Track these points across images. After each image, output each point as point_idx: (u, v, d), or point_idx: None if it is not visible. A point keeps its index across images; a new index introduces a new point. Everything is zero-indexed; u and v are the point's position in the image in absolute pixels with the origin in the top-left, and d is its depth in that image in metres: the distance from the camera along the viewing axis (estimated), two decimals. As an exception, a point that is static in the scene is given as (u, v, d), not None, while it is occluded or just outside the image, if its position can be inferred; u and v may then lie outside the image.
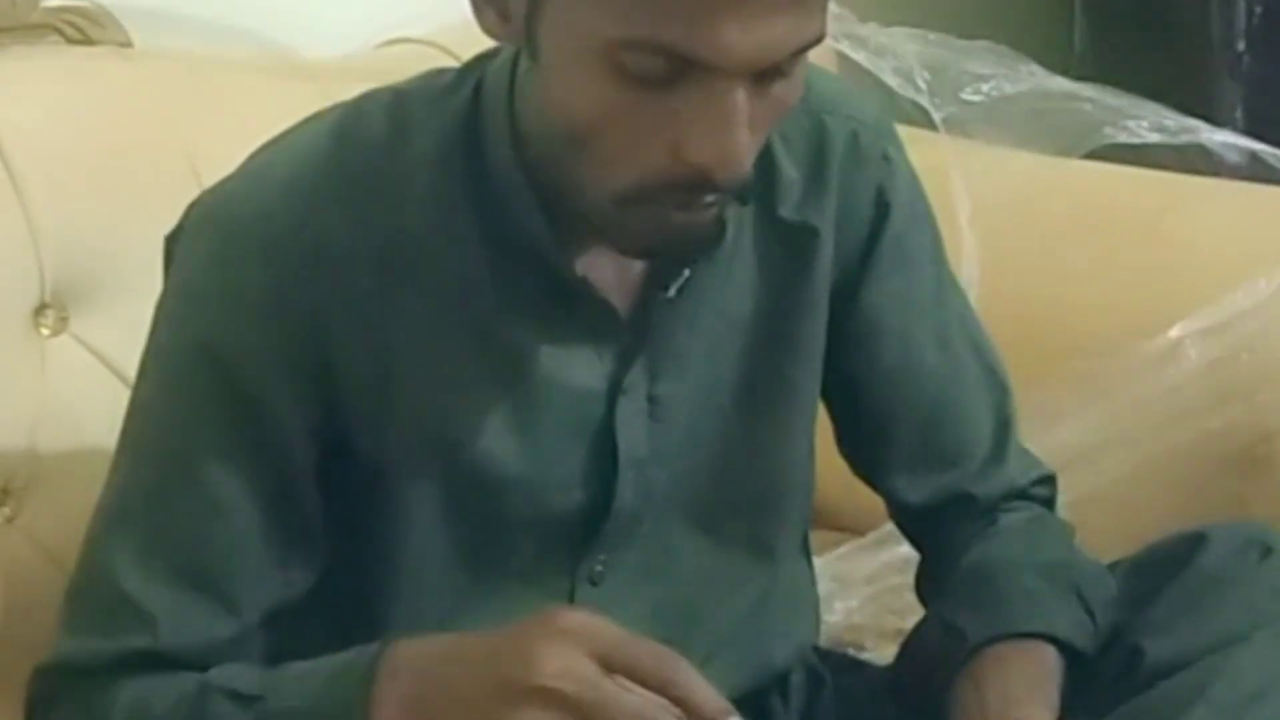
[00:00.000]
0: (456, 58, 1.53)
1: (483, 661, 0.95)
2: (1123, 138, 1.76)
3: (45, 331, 1.37)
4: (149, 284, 1.13)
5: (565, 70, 0.98)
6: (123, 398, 1.27)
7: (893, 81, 1.79)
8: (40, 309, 1.37)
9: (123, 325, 1.36)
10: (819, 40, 0.98)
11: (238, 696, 1.02)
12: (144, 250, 1.34)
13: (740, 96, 0.96)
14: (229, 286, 1.06)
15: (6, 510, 1.35)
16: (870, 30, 1.84)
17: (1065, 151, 1.79)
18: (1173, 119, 1.76)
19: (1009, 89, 1.82)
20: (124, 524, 1.08)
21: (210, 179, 1.15)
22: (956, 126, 1.79)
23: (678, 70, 0.95)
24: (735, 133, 0.96)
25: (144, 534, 1.07)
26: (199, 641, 1.06)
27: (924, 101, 1.79)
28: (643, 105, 0.97)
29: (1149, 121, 1.76)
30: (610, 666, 0.93)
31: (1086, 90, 1.82)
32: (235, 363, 1.06)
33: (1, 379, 1.34)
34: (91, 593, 1.09)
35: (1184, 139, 1.74)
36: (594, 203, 1.01)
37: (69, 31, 1.45)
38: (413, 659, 0.99)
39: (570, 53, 0.97)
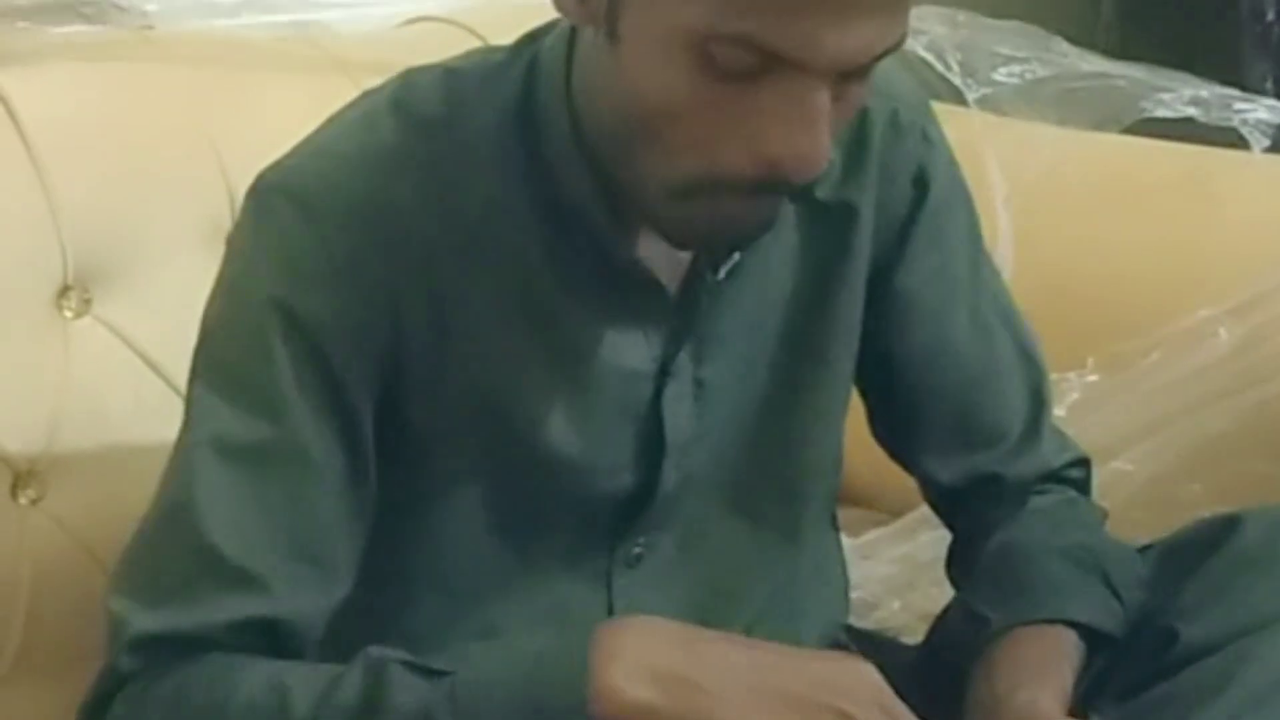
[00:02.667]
0: (479, 36, 1.53)
1: (756, 668, 0.95)
2: (1160, 112, 1.74)
3: (68, 314, 1.37)
4: (172, 266, 1.13)
5: (648, 56, 0.97)
6: (146, 380, 1.27)
7: (926, 60, 1.78)
8: (63, 291, 1.37)
9: (146, 307, 1.36)
10: (902, 44, 0.97)
11: (420, 669, 0.98)
12: (167, 232, 1.35)
13: (824, 97, 0.95)
14: (304, 253, 1.05)
15: (31, 493, 1.35)
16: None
17: (1101, 128, 1.78)
18: (1208, 90, 1.75)
19: (1041, 70, 1.80)
20: (212, 486, 1.03)
21: (233, 161, 1.15)
22: (991, 107, 1.78)
23: (764, 66, 0.94)
24: (817, 133, 0.95)
25: (238, 496, 1.03)
26: (315, 611, 1.04)
27: (957, 82, 1.78)
28: (724, 98, 0.95)
29: (1185, 95, 1.74)
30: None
31: (1118, 67, 1.81)
32: (315, 328, 1.04)
33: (25, 361, 1.34)
34: (178, 560, 1.03)
35: (1219, 113, 1.72)
36: (653, 191, 1.00)
37: (90, 13, 1.45)
38: (650, 626, 0.98)
39: (656, 39, 0.96)
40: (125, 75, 1.44)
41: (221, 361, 1.07)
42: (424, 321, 1.07)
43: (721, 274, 1.11)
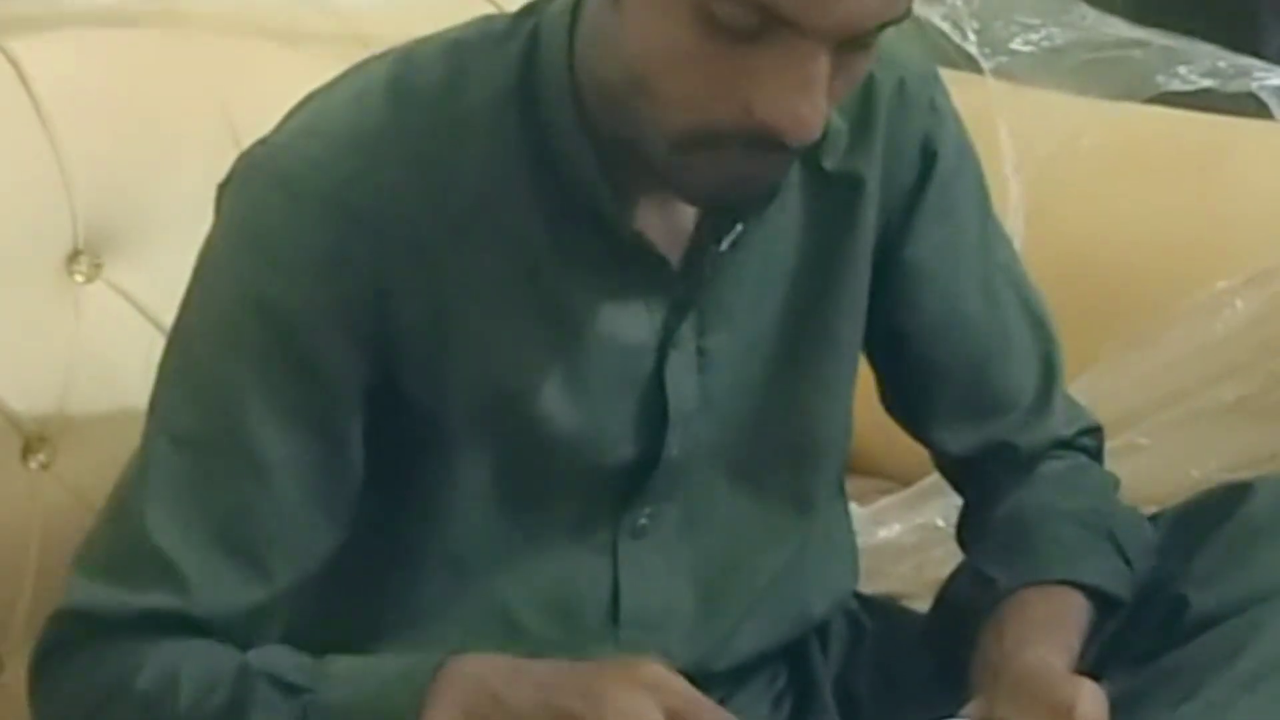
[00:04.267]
0: (496, 4, 1.53)
1: (550, 689, 0.96)
2: (1175, 85, 1.73)
3: (79, 278, 1.37)
4: (183, 231, 1.12)
5: (650, 12, 0.97)
6: (157, 345, 1.26)
7: (942, 30, 1.77)
8: (74, 256, 1.37)
9: (157, 272, 1.36)
10: (906, 15, 0.97)
11: (283, 685, 1.01)
12: (178, 197, 1.35)
13: (823, 62, 0.95)
14: (283, 239, 1.05)
15: (41, 457, 1.35)
16: (917, -24, 1.82)
17: (1118, 100, 1.77)
18: (1226, 60, 1.74)
19: (1059, 38, 1.79)
20: (160, 477, 1.06)
21: (244, 125, 1.15)
22: (1006, 77, 1.77)
23: (765, 26, 0.94)
24: (814, 98, 0.95)
25: (180, 491, 1.05)
26: (230, 607, 1.05)
27: (973, 50, 1.77)
28: (723, 56, 0.95)
29: (1202, 66, 1.73)
30: None
31: (1136, 32, 1.79)
32: (288, 318, 1.04)
33: (36, 326, 1.34)
34: (120, 543, 1.07)
35: (1236, 83, 1.71)
36: (654, 146, 1.00)
37: (103, -20, 1.45)
38: (475, 671, 0.99)
39: None
40: (137, 41, 1.44)
41: (188, 349, 1.08)
42: (419, 302, 1.06)
43: (725, 245, 1.10)
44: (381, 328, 1.06)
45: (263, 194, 1.06)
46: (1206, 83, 1.72)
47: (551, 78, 1.06)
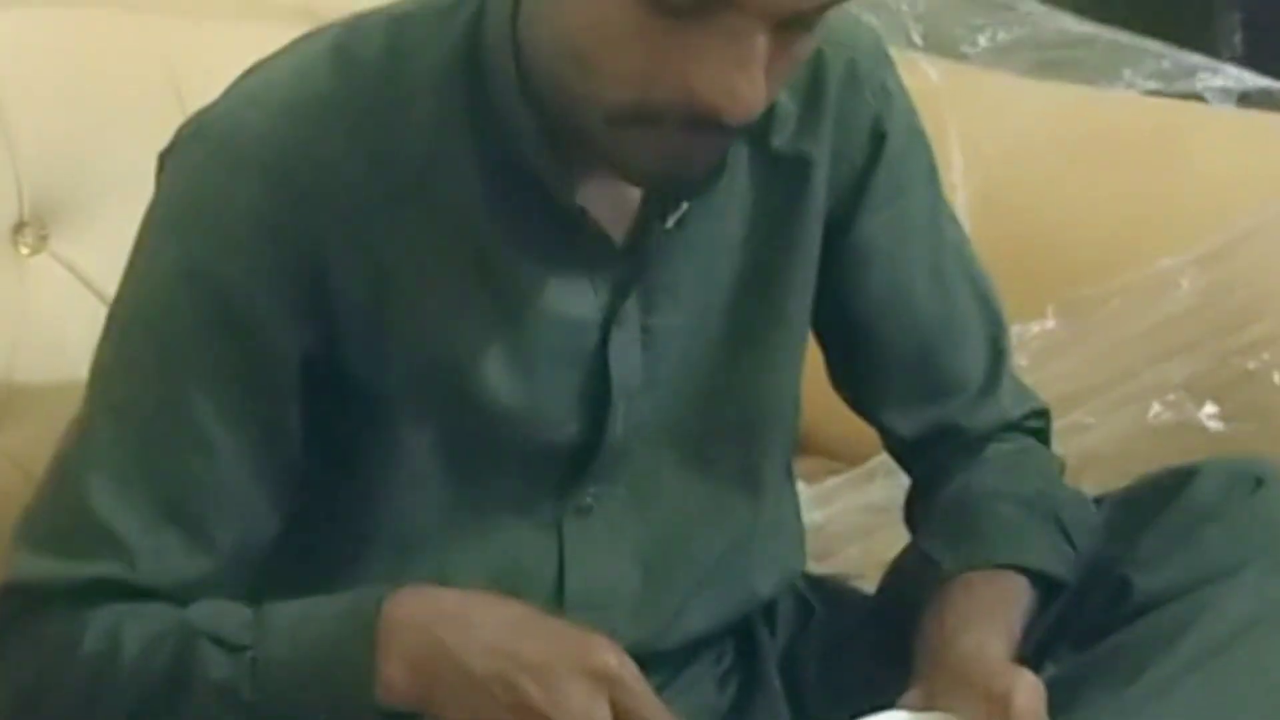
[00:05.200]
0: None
1: (506, 658, 0.97)
2: (1119, 89, 1.73)
3: (24, 250, 1.36)
4: (130, 202, 1.11)
5: None
6: (102, 317, 1.26)
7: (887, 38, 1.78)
8: (19, 227, 1.36)
9: (103, 244, 1.35)
10: None
11: (224, 644, 1.01)
12: (124, 167, 1.34)
13: (761, 41, 0.95)
14: (223, 209, 1.05)
15: (-13, 429, 1.35)
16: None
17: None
18: (1171, 59, 1.75)
19: (1003, 36, 1.79)
20: (100, 448, 1.06)
21: (191, 96, 1.14)
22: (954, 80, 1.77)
23: (704, 5, 0.94)
24: (752, 76, 0.95)
25: (122, 461, 1.05)
26: (173, 577, 1.05)
27: (920, 60, 1.76)
28: (662, 33, 0.95)
29: (1146, 68, 1.74)
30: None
31: (1084, 27, 1.80)
32: (226, 288, 1.04)
33: (-19, 298, 1.33)
34: (62, 514, 1.07)
35: (1181, 84, 1.72)
36: (592, 122, 1.00)
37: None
38: (420, 618, 0.99)
39: None
40: (85, 14, 1.43)
41: (127, 318, 1.08)
42: (359, 276, 1.06)
43: (670, 223, 1.10)
44: (320, 297, 1.05)
45: (201, 163, 1.06)
46: (1152, 85, 1.73)
47: (495, 50, 1.06)
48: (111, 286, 1.11)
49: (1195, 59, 1.77)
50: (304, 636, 1.01)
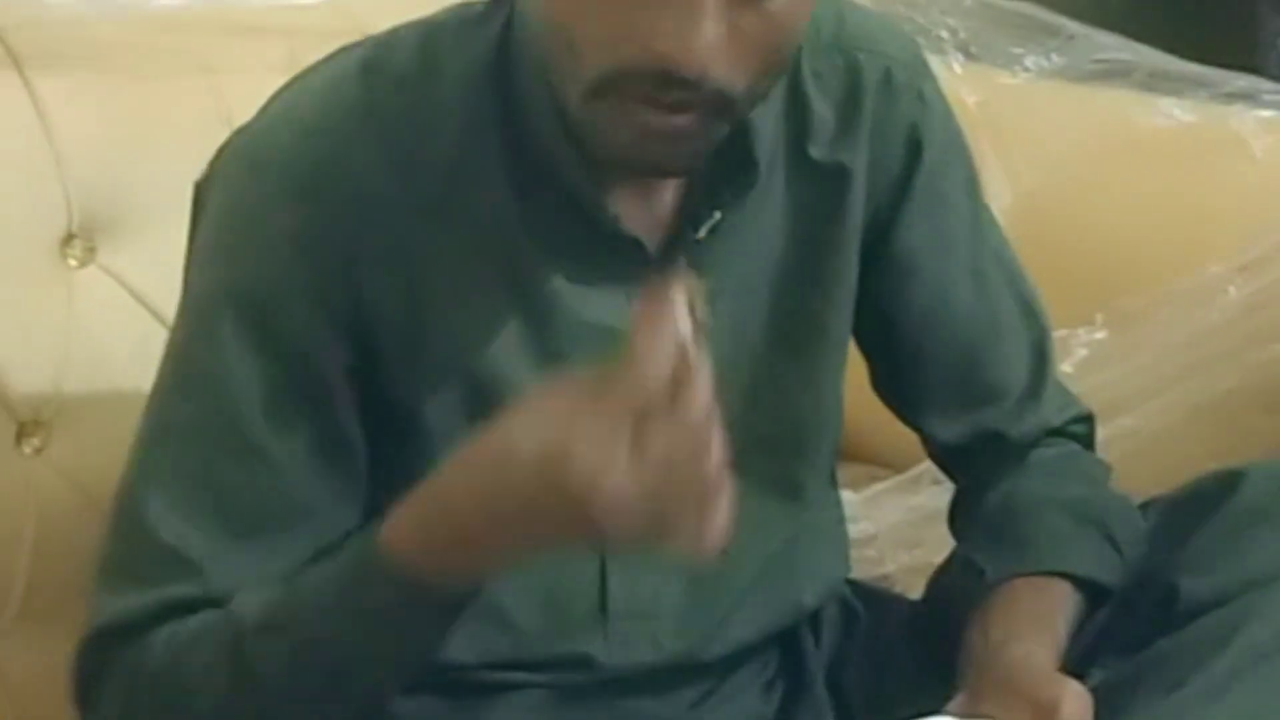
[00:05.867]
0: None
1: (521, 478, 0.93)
2: (1159, 121, 1.72)
3: (73, 263, 1.37)
4: (177, 215, 1.12)
5: None
6: (150, 329, 1.27)
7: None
8: (67, 240, 1.37)
9: (151, 256, 1.36)
10: None
11: (267, 629, 1.02)
12: (171, 181, 1.34)
13: None
14: (258, 231, 1.06)
15: (35, 441, 1.35)
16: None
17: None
18: (1209, 88, 1.73)
19: (1045, 62, 1.78)
20: (157, 471, 1.06)
21: (237, 110, 1.15)
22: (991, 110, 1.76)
23: None
24: (699, 22, 0.96)
25: (179, 480, 1.06)
26: (245, 586, 1.05)
27: (960, 89, 1.75)
28: None
29: (1184, 102, 1.72)
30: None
31: (1124, 53, 1.78)
32: (269, 307, 1.05)
33: (29, 310, 1.34)
34: (128, 546, 1.07)
35: (1214, 118, 1.71)
36: (572, 100, 1.01)
37: (96, -36, 1.45)
38: (421, 492, 0.98)
39: None
40: (130, 23, 1.44)
41: (177, 342, 1.09)
42: (392, 287, 1.06)
43: (702, 232, 1.10)
44: (357, 311, 1.06)
45: (237, 185, 1.08)
46: (1189, 119, 1.71)
47: (524, 59, 1.06)
48: (159, 299, 1.12)
49: (1240, 82, 1.76)
50: (329, 580, 1.02)
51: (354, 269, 1.05)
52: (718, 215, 1.10)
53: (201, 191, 1.11)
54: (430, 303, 1.07)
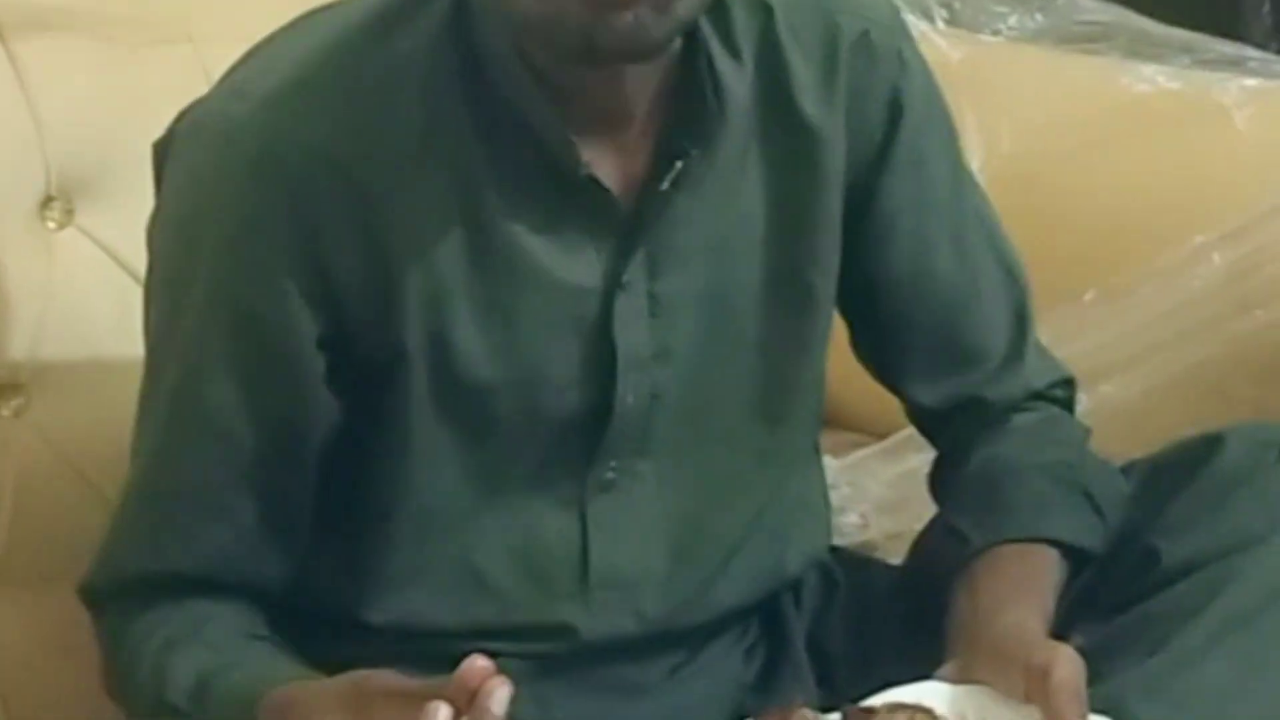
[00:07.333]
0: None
1: None
2: (1142, 88, 1.72)
3: (51, 224, 1.37)
4: (155, 177, 1.13)
5: None
6: (129, 291, 1.27)
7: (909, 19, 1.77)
8: (46, 202, 1.36)
9: (129, 218, 1.34)
10: None
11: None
12: (151, 142, 1.34)
13: None
14: (217, 209, 1.07)
15: (15, 403, 1.35)
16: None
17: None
18: (1196, 54, 1.73)
19: (1029, 24, 1.78)
20: (139, 443, 1.11)
21: (215, 72, 1.15)
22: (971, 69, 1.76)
23: None
24: None
25: (151, 454, 1.10)
26: (209, 556, 1.10)
27: (941, 43, 1.75)
28: None
29: (1167, 69, 1.72)
30: None
31: (1109, 13, 1.78)
32: (230, 286, 1.06)
33: (9, 272, 1.34)
34: (122, 518, 1.13)
35: (1197, 85, 1.71)
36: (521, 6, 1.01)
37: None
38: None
39: None
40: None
41: (150, 323, 1.12)
42: (358, 254, 1.06)
43: (665, 184, 1.10)
44: (324, 282, 1.06)
45: (193, 162, 1.09)
46: (1174, 85, 1.71)
47: (488, 9, 1.06)
48: (138, 261, 1.12)
49: (1226, 49, 1.76)
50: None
51: (318, 240, 1.06)
52: (679, 165, 1.09)
53: (159, 155, 1.11)
54: (398, 266, 1.07)
